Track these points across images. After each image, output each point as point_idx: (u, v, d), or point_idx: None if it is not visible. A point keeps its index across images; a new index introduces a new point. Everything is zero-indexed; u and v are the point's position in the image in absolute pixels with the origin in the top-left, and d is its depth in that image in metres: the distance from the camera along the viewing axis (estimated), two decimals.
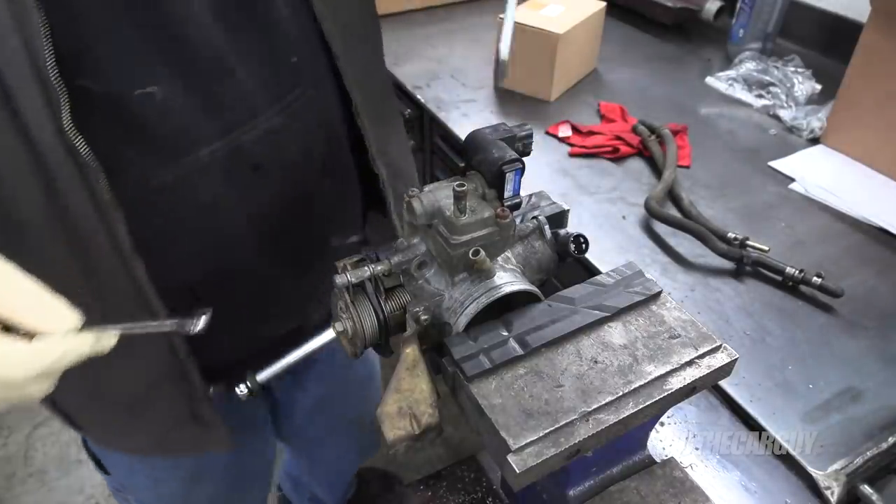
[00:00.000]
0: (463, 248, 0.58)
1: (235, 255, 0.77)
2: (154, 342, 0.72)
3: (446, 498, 0.84)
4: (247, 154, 0.70)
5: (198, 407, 0.80)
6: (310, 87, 0.75)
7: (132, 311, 0.67)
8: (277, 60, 0.71)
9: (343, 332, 0.62)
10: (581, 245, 0.66)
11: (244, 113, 0.69)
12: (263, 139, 0.71)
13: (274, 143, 0.72)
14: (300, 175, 0.78)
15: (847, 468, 0.77)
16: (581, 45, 1.52)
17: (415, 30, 1.78)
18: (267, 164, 0.73)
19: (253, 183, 0.73)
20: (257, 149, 0.71)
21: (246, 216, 0.74)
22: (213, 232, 0.73)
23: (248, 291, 0.81)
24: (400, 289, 0.63)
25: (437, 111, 1.46)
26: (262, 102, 0.70)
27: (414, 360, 0.59)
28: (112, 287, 0.66)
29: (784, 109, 1.44)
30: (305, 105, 0.75)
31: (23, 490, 1.97)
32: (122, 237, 0.63)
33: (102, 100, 0.59)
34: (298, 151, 0.77)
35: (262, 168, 0.73)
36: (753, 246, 1.05)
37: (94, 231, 0.61)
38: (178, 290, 0.71)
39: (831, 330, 0.95)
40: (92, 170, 0.58)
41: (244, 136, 0.69)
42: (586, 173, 1.28)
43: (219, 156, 0.68)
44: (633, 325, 0.61)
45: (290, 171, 0.77)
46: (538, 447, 0.51)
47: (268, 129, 0.71)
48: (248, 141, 0.70)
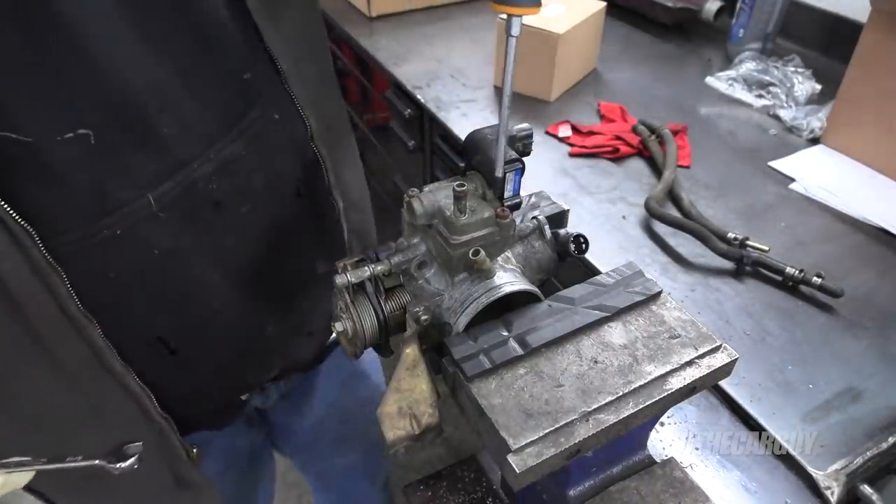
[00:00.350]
0: (463, 248, 0.59)
1: (207, 300, 0.69)
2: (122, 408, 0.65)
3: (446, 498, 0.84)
4: (203, 191, 0.62)
5: (181, 471, 0.74)
6: (269, 107, 0.68)
7: (92, 375, 0.62)
8: (226, 78, 0.63)
9: (343, 332, 0.62)
10: (581, 245, 0.66)
11: (194, 145, 0.61)
12: (220, 171, 0.63)
13: (233, 175, 0.65)
14: (271, 204, 0.71)
15: (847, 468, 0.77)
16: (581, 45, 1.52)
17: (415, 30, 1.78)
18: (228, 199, 0.65)
19: (215, 222, 0.65)
20: (214, 183, 0.63)
21: (212, 259, 0.67)
22: (177, 280, 0.65)
23: (228, 337, 0.74)
24: (400, 289, 0.63)
25: (437, 111, 1.46)
26: (213, 129, 0.62)
27: (414, 360, 0.59)
28: (66, 353, 0.59)
29: (784, 109, 1.44)
30: (266, 127, 0.68)
31: None
32: (65, 299, 0.56)
33: (25, 153, 0.51)
34: (265, 179, 0.69)
35: (223, 204, 0.65)
36: (753, 246, 1.05)
37: (33, 296, 0.55)
38: (148, 343, 0.66)
39: (831, 330, 0.95)
40: (23, 234, 0.51)
41: (197, 171, 0.61)
42: (586, 173, 1.28)
43: (171, 197, 0.60)
44: (633, 325, 0.61)
45: (259, 202, 0.69)
46: (538, 447, 0.51)
47: (225, 159, 0.63)
48: (202, 176, 0.62)
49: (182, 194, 0.61)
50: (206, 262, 0.67)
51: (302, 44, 0.72)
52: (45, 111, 0.51)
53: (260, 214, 0.70)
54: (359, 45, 1.72)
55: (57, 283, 0.55)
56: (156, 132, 0.57)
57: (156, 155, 0.58)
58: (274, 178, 0.71)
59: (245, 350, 0.77)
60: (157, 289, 0.65)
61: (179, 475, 0.74)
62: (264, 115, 0.67)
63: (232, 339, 0.74)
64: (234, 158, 0.64)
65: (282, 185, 0.73)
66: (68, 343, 0.58)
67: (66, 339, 0.58)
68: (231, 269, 0.69)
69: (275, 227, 0.72)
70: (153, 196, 0.59)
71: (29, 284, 0.54)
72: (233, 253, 0.69)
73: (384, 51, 1.67)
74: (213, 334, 0.72)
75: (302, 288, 0.81)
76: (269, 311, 0.77)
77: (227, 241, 0.68)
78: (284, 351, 0.83)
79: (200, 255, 0.66)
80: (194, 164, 0.61)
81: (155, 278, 0.64)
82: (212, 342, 0.72)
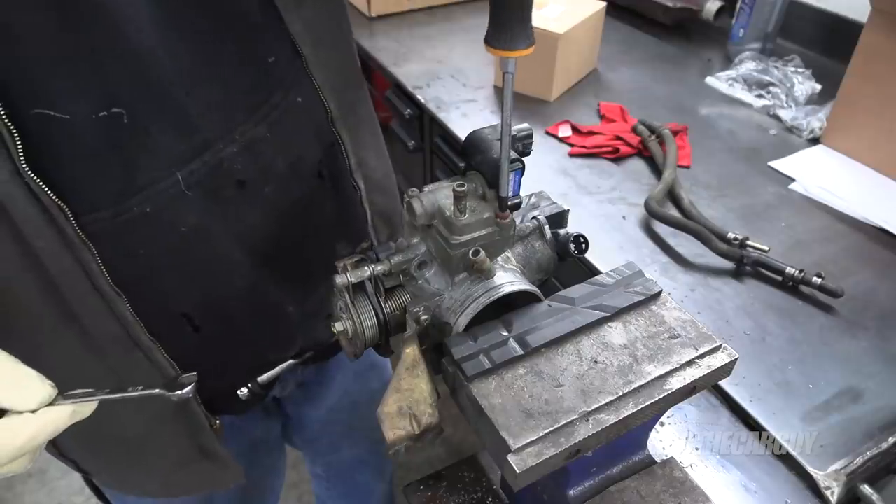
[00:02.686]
0: (463, 249, 0.59)
1: (231, 279, 0.71)
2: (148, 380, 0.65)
3: (446, 498, 0.84)
4: (228, 171, 0.65)
5: (205, 441, 0.76)
6: (292, 91, 0.70)
7: (121, 349, 0.64)
8: (251, 62, 0.66)
9: (343, 332, 0.62)
10: (581, 245, 0.66)
11: (220, 126, 0.63)
12: (245, 152, 0.66)
13: (257, 155, 0.67)
14: (293, 185, 0.73)
15: (847, 468, 0.77)
16: (581, 45, 1.52)
17: (415, 30, 1.78)
18: (252, 179, 0.68)
19: (240, 201, 0.68)
20: (239, 163, 0.66)
21: (236, 237, 0.69)
22: (202, 257, 0.68)
23: (250, 315, 0.76)
24: (400, 289, 0.63)
25: (437, 111, 1.46)
26: (238, 111, 0.65)
27: (414, 360, 0.59)
28: (97, 328, 0.62)
29: (784, 109, 1.44)
30: (289, 110, 0.70)
31: (23, 490, 1.97)
32: (97, 276, 0.59)
33: (61, 130, 0.54)
34: (287, 160, 0.71)
35: (247, 184, 0.67)
36: (753, 246, 1.05)
37: (68, 272, 0.57)
38: (173, 319, 0.69)
39: (831, 330, 0.95)
40: (57, 210, 0.54)
41: (223, 151, 0.64)
42: (586, 173, 1.28)
43: (198, 176, 0.63)
44: (633, 325, 0.61)
45: (281, 183, 0.71)
46: (538, 447, 0.51)
47: (249, 141, 0.66)
48: (228, 156, 0.64)
49: (208, 173, 0.63)
50: (230, 240, 0.69)
51: (323, 29, 0.73)
52: (81, 90, 0.54)
53: (282, 195, 0.72)
54: (359, 46, 1.72)
55: (89, 260, 0.57)
56: (184, 113, 0.60)
57: (184, 135, 0.61)
58: (296, 160, 0.73)
59: (266, 328, 0.79)
60: (183, 266, 0.67)
61: (203, 445, 0.77)
62: (287, 98, 0.69)
63: (254, 317, 0.76)
64: (258, 140, 0.67)
65: (303, 167, 0.75)
66: (99, 318, 0.61)
67: (97, 315, 0.61)
68: (254, 248, 0.71)
69: (297, 208, 0.74)
70: (181, 174, 0.61)
71: (63, 260, 0.56)
72: (256, 232, 0.71)
73: (384, 51, 1.67)
74: (235, 312, 0.74)
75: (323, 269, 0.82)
76: (290, 290, 0.79)
77: (250, 220, 0.70)
78: (306, 331, 0.84)
79: (225, 234, 0.68)
80: (220, 145, 0.63)
81: (181, 255, 0.66)
82: (234, 319, 0.74)
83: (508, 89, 0.52)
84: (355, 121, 0.81)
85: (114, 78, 0.55)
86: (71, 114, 0.53)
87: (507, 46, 0.50)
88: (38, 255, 0.55)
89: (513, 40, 0.49)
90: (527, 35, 0.50)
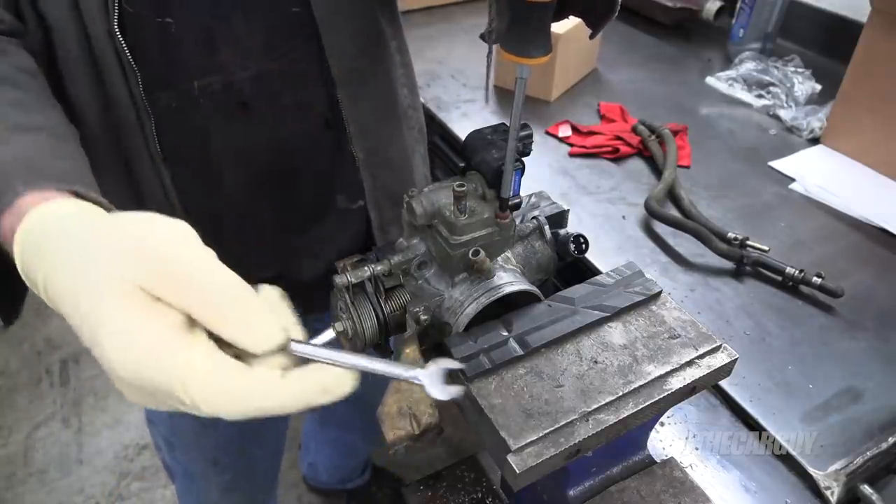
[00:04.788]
0: (463, 249, 0.58)
1: (225, 188, 0.81)
2: None
3: (446, 498, 0.84)
4: (236, 92, 0.75)
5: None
6: (313, 41, 0.77)
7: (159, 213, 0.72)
8: (277, 8, 0.74)
9: (343, 332, 0.62)
10: (581, 245, 0.66)
11: (238, 54, 0.74)
12: (254, 81, 0.76)
13: (265, 87, 0.77)
14: (296, 124, 0.81)
15: (847, 468, 0.77)
16: (581, 45, 1.52)
17: (415, 30, 1.78)
18: (255, 105, 0.77)
19: (241, 119, 0.77)
20: (247, 89, 0.76)
21: (234, 151, 0.79)
22: (206, 160, 0.78)
23: (236, 227, 0.84)
24: (400, 289, 0.63)
25: (437, 111, 1.46)
26: (256, 47, 0.75)
27: (414, 360, 0.59)
28: (147, 192, 0.75)
29: (784, 109, 1.44)
30: (304, 57, 0.78)
31: (23, 490, 1.97)
32: (152, 142, 0.72)
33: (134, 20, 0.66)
34: (293, 99, 0.80)
35: (249, 107, 0.77)
36: (753, 246, 1.05)
37: (133, 131, 0.71)
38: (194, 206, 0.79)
39: (831, 330, 0.95)
40: (132, 72, 0.68)
41: (235, 75, 0.75)
42: (586, 173, 1.28)
43: (211, 90, 0.74)
44: (633, 325, 0.61)
45: (284, 117, 0.80)
46: (538, 447, 0.51)
47: (260, 72, 0.76)
48: (239, 80, 0.75)
49: (219, 90, 0.75)
50: (230, 154, 0.79)
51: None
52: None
53: (285, 129, 0.81)
54: None
55: (148, 127, 0.72)
56: (212, 38, 0.72)
57: (208, 54, 0.73)
58: (303, 103, 0.81)
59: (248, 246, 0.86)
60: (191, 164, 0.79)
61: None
62: (305, 47, 0.77)
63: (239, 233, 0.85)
64: (269, 75, 0.76)
65: (310, 111, 0.82)
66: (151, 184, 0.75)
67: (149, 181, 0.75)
68: (251, 169, 0.81)
69: (298, 146, 0.83)
70: (198, 84, 0.73)
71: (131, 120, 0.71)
72: (255, 153, 0.80)
73: None
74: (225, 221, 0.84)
75: (316, 212, 0.90)
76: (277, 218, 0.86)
77: (251, 142, 0.79)
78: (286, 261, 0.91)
79: (226, 146, 0.79)
80: (233, 69, 0.74)
81: (191, 152, 0.78)
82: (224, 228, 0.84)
83: (520, 93, 0.52)
84: (362, 91, 0.84)
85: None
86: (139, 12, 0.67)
87: (524, 53, 0.50)
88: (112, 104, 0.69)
89: (530, 47, 0.49)
90: (545, 43, 0.50)
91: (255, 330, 0.41)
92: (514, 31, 0.50)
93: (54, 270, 0.41)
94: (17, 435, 2.11)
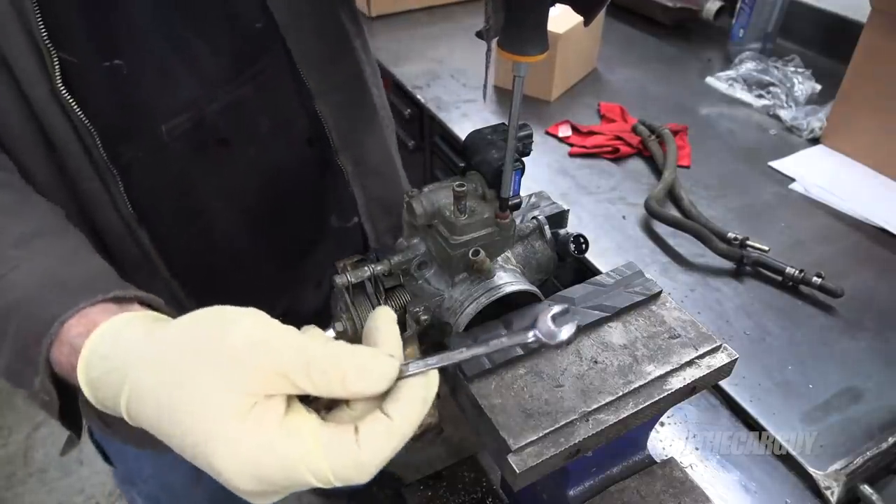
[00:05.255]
0: (463, 249, 0.58)
1: (214, 234, 0.75)
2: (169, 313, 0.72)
3: (446, 498, 0.84)
4: (209, 128, 0.69)
5: None
6: (281, 58, 0.71)
7: (143, 279, 0.66)
8: (237, 25, 0.68)
9: (343, 332, 0.62)
10: (581, 245, 0.66)
11: (204, 85, 0.67)
12: (227, 112, 0.69)
13: (240, 116, 0.70)
14: (280, 148, 0.75)
15: (847, 468, 0.77)
16: (581, 45, 1.52)
17: (415, 30, 1.78)
18: (233, 138, 0.71)
19: (221, 158, 0.71)
20: (221, 122, 0.69)
21: (221, 194, 0.73)
22: (187, 210, 0.72)
23: (231, 270, 0.78)
24: (400, 289, 0.63)
25: (437, 111, 1.46)
26: (223, 74, 0.68)
27: None
28: (124, 258, 0.67)
29: (784, 109, 1.44)
30: (275, 75, 0.72)
31: (23, 490, 1.97)
32: (122, 200, 0.64)
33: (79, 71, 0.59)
34: (272, 123, 0.73)
35: (227, 142, 0.71)
36: (753, 246, 1.05)
37: (98, 195, 0.63)
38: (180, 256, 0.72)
39: (831, 330, 0.95)
40: (86, 131, 0.59)
41: (205, 109, 0.67)
42: (586, 173, 1.28)
43: (181, 131, 0.67)
44: (633, 325, 0.61)
45: (267, 144, 0.73)
46: (538, 447, 0.51)
47: (231, 101, 0.69)
48: (210, 114, 0.68)
49: (192, 129, 0.67)
50: (215, 196, 0.72)
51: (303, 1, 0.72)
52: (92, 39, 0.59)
53: (269, 157, 0.75)
54: None
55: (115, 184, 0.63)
56: (170, 71, 0.64)
57: (169, 91, 0.65)
58: (283, 124, 0.75)
59: (246, 286, 0.81)
60: (174, 212, 0.71)
61: None
62: (275, 64, 0.71)
63: (235, 272, 0.79)
64: (243, 101, 0.70)
65: (291, 132, 0.77)
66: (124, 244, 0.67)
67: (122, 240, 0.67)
68: (239, 207, 0.74)
69: (284, 172, 0.77)
70: (165, 127, 0.66)
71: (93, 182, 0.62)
72: (241, 190, 0.74)
73: (384, 51, 1.67)
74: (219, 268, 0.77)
75: (311, 237, 0.85)
76: (273, 252, 0.81)
77: (235, 179, 0.73)
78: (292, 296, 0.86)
79: (208, 189, 0.72)
80: (203, 102, 0.67)
81: (172, 202, 0.71)
82: (219, 276, 0.77)
83: (518, 92, 0.52)
84: (343, 99, 0.80)
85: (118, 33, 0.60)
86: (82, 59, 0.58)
87: (521, 51, 0.50)
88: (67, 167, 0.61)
89: (527, 45, 0.49)
90: (542, 40, 0.50)
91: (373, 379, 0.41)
92: (510, 28, 0.50)
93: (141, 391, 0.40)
94: (17, 435, 2.11)
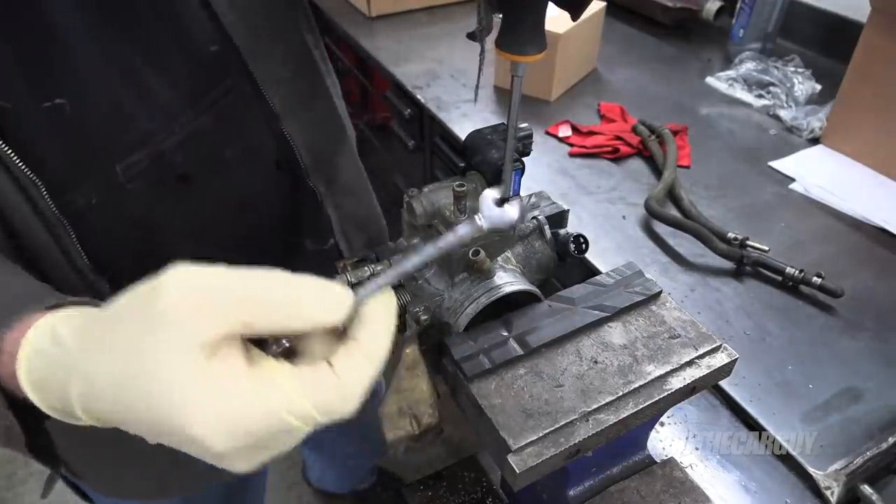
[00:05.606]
0: (463, 249, 0.58)
1: None
2: None
3: (446, 498, 0.84)
4: (168, 163, 0.63)
5: None
6: (241, 80, 0.67)
7: None
8: (190, 51, 0.63)
9: None
10: (581, 245, 0.66)
11: (160, 118, 0.61)
12: (187, 144, 0.63)
13: (202, 147, 0.65)
14: (247, 177, 0.71)
15: (847, 468, 0.77)
16: (581, 45, 1.52)
17: (415, 30, 1.78)
18: (195, 172, 0.66)
19: (185, 194, 0.66)
20: (180, 156, 0.63)
21: (188, 231, 0.67)
22: (154, 251, 0.66)
23: None
24: (400, 289, 0.63)
25: (437, 111, 1.46)
26: (179, 102, 0.62)
27: (414, 360, 0.59)
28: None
29: (784, 109, 1.44)
30: (237, 100, 0.67)
31: (23, 490, 1.97)
32: (75, 252, 0.58)
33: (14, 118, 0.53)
34: (236, 151, 0.69)
35: (189, 177, 0.65)
36: (753, 246, 1.05)
37: (47, 250, 0.56)
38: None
39: (831, 330, 0.95)
40: (29, 182, 0.53)
41: (163, 143, 0.62)
42: (586, 173, 1.28)
43: (138, 170, 0.61)
44: (633, 325, 0.61)
45: (233, 174, 0.69)
46: (538, 447, 0.51)
47: (191, 132, 0.64)
48: (169, 149, 0.62)
49: (149, 166, 0.62)
50: (181, 234, 0.67)
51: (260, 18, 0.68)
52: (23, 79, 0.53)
53: (236, 187, 0.70)
54: (358, 45, 1.72)
55: (63, 236, 0.57)
56: (121, 106, 0.59)
57: (121, 128, 0.60)
58: (248, 151, 0.70)
59: None
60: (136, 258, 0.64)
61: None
62: (235, 87, 0.67)
63: None
64: (203, 131, 0.65)
65: (258, 158, 0.72)
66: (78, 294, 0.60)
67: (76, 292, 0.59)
68: (209, 242, 0.68)
69: (254, 200, 0.72)
70: (120, 168, 0.60)
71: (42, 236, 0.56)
72: (210, 224, 0.69)
73: (384, 51, 1.67)
74: None
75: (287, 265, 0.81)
76: None
77: (202, 214, 0.68)
78: None
79: (173, 228, 0.67)
80: (159, 137, 0.62)
81: (136, 246, 0.65)
82: None
83: (517, 92, 0.52)
84: (311, 117, 0.77)
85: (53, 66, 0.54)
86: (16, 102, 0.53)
87: (519, 51, 0.50)
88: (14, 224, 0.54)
89: (525, 44, 0.49)
90: (539, 40, 0.50)
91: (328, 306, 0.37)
92: (508, 29, 0.50)
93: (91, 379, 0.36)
94: None
